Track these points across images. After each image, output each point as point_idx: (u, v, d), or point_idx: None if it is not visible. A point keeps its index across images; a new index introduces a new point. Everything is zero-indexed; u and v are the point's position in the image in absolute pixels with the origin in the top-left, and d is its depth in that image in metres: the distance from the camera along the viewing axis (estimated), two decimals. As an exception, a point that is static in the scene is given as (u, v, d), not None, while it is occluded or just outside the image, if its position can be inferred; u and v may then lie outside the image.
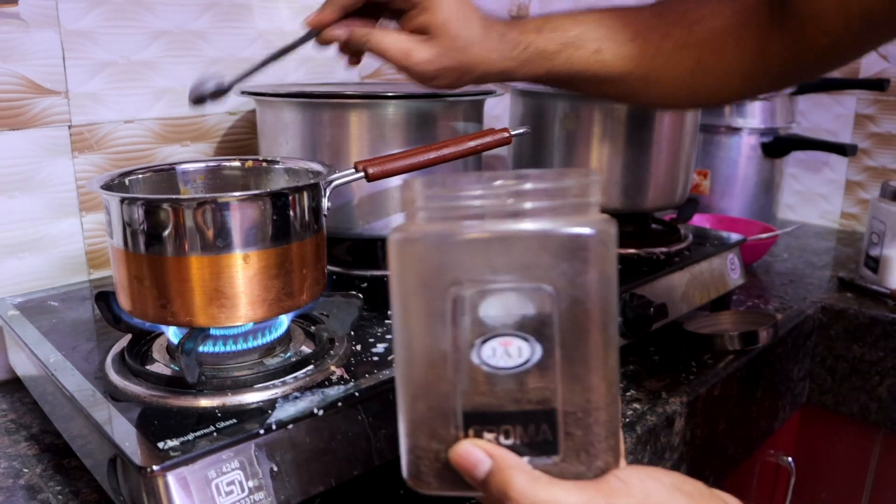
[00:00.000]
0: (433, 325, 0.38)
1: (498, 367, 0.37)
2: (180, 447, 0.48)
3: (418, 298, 0.38)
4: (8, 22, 0.74)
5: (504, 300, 0.37)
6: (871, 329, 1.01)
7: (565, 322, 0.37)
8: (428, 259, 0.37)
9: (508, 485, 0.37)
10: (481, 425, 0.38)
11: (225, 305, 0.53)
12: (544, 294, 0.36)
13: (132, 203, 0.53)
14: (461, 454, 0.38)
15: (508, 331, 0.37)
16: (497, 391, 0.38)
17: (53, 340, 0.66)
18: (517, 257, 0.37)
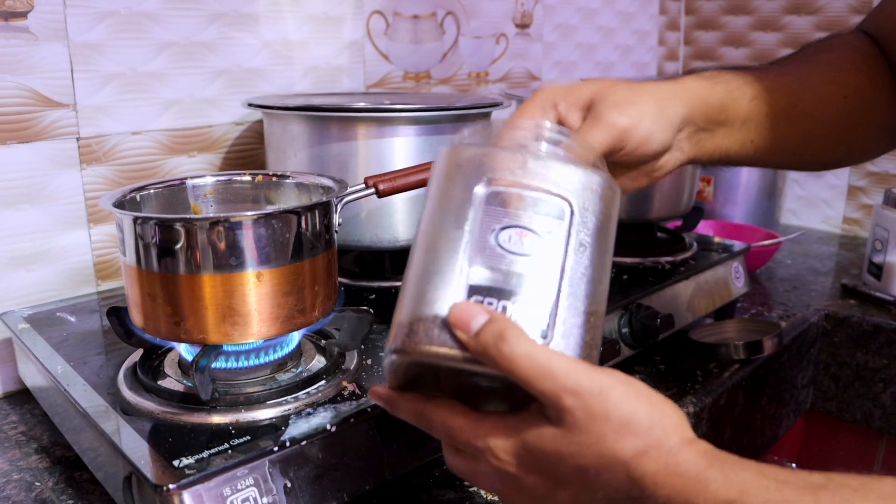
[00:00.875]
0: (464, 208, 0.43)
1: (510, 251, 0.42)
2: (195, 465, 0.48)
3: (456, 186, 0.44)
4: (17, 35, 0.75)
5: (530, 201, 0.43)
6: (874, 336, 1.02)
7: (573, 234, 0.43)
8: (472, 159, 0.44)
9: (505, 331, 0.39)
10: (482, 297, 0.41)
11: (238, 323, 0.54)
12: (563, 205, 0.43)
13: (145, 222, 0.53)
14: (463, 307, 0.40)
15: (527, 224, 0.42)
16: (503, 272, 0.42)
17: (64, 353, 0.66)
18: (547, 174, 0.43)
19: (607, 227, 0.44)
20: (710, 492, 0.36)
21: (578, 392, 0.38)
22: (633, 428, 0.38)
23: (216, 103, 0.92)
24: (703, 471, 0.37)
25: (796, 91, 0.60)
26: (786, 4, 1.50)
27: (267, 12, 0.94)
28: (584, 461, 0.39)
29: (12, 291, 0.79)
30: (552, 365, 0.38)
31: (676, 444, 0.38)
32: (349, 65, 1.05)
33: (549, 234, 0.42)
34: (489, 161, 0.44)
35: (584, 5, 1.43)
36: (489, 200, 0.43)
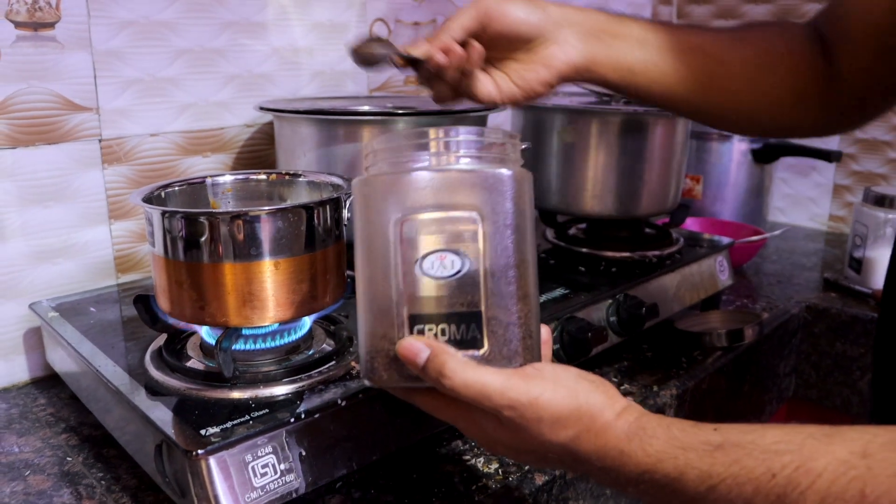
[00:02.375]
0: (386, 247, 0.47)
1: (436, 276, 0.46)
2: (220, 434, 0.54)
3: (375, 226, 0.47)
4: (45, 44, 0.80)
5: (441, 223, 0.46)
6: (852, 327, 1.07)
7: (488, 241, 0.46)
8: (380, 194, 0.47)
9: (443, 366, 0.46)
10: (423, 325, 0.47)
11: (257, 307, 0.59)
12: (471, 218, 0.46)
13: (173, 216, 0.59)
14: (406, 346, 0.47)
15: (444, 247, 0.46)
16: (435, 297, 0.47)
17: (93, 339, 0.71)
18: (452, 190, 0.46)
19: (522, 220, 0.47)
20: (632, 462, 0.45)
21: (513, 406, 0.45)
22: (563, 422, 0.46)
23: (228, 107, 0.97)
24: (624, 446, 0.45)
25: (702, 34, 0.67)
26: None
27: (275, 20, 1.00)
28: (532, 447, 0.47)
29: (39, 283, 0.85)
30: (486, 390, 0.45)
31: (604, 423, 0.46)
32: (353, 69, 1.10)
33: (467, 248, 0.46)
34: (395, 190, 0.47)
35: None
36: (405, 233, 0.47)
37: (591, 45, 0.66)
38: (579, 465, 0.47)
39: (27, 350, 0.85)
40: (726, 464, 0.41)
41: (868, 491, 0.36)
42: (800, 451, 0.40)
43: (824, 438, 0.40)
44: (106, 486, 0.64)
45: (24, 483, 0.64)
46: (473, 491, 0.62)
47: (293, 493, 0.56)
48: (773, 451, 0.40)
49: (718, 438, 0.43)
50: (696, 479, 0.42)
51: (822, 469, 0.38)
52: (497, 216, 0.46)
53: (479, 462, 0.67)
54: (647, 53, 0.67)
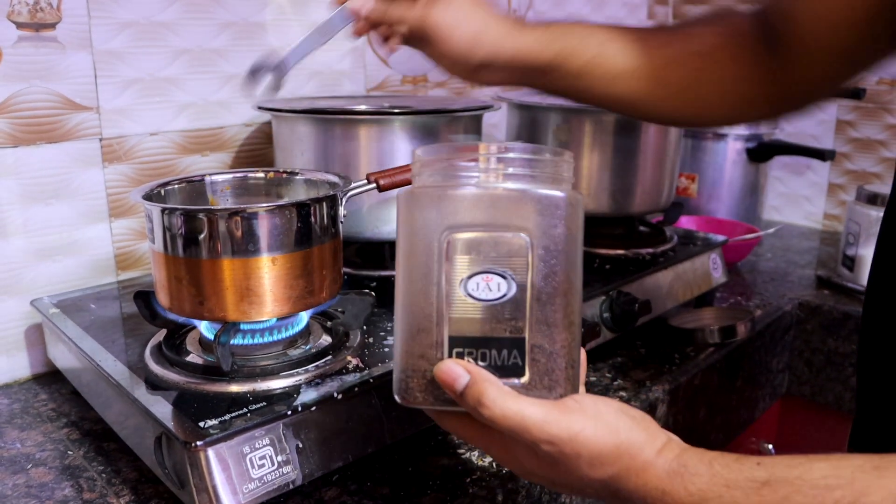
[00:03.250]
0: (430, 264, 0.45)
1: (480, 299, 0.45)
2: (219, 426, 0.55)
3: (419, 242, 0.46)
4: (47, 45, 0.81)
5: (489, 244, 0.45)
6: (844, 324, 1.08)
7: (536, 265, 0.45)
8: (428, 208, 0.46)
9: (482, 394, 0.44)
10: (462, 348, 0.46)
11: (255, 302, 0.60)
12: (522, 241, 0.44)
13: (172, 213, 0.60)
14: (444, 370, 0.45)
15: (491, 268, 0.45)
16: (478, 320, 0.45)
17: (94, 335, 0.73)
18: (502, 210, 0.45)
19: (573, 247, 0.45)
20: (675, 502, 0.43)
21: (551, 441, 0.44)
22: (603, 460, 0.44)
23: (227, 106, 0.98)
24: (666, 486, 0.44)
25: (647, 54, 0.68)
26: None
27: (274, 21, 1.01)
28: (569, 481, 0.46)
29: (41, 280, 0.86)
30: (525, 423, 0.44)
31: (645, 461, 0.45)
32: (351, 69, 1.12)
33: (514, 271, 0.45)
34: (444, 206, 0.45)
35: (574, 11, 1.50)
36: (451, 251, 0.45)
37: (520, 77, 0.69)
38: (619, 502, 0.46)
39: (28, 346, 0.86)
40: (775, 502, 0.40)
41: None
42: (851, 486, 0.39)
43: (874, 471, 0.39)
44: (106, 479, 0.65)
45: (27, 476, 0.66)
46: (468, 483, 0.64)
47: (290, 485, 0.57)
48: (824, 487, 0.39)
49: (764, 474, 0.42)
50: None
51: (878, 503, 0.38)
52: (548, 240, 0.44)
53: (474, 455, 0.68)
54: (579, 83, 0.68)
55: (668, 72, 0.68)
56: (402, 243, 0.47)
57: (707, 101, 0.70)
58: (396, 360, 0.48)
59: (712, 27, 0.70)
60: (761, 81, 0.69)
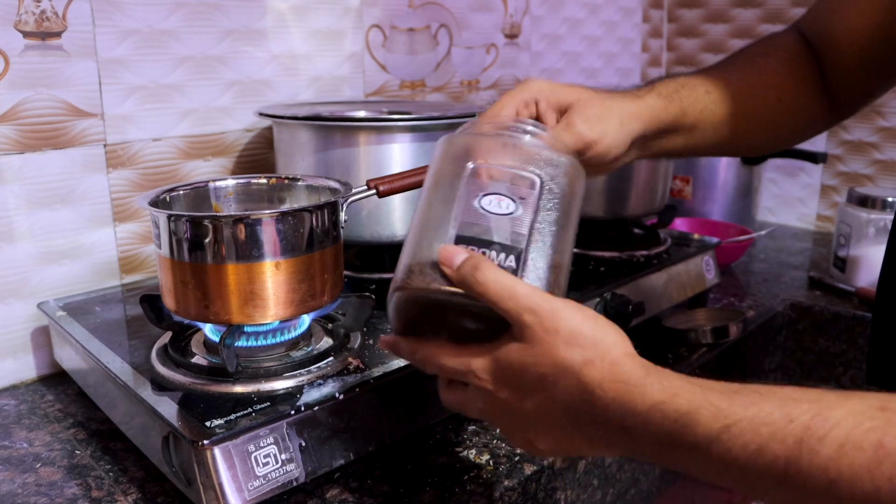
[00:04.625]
0: (455, 181, 0.53)
1: (490, 211, 0.52)
2: (224, 425, 0.57)
3: (449, 165, 0.54)
4: (52, 53, 0.83)
5: (507, 176, 0.53)
6: (834, 324, 1.10)
7: (542, 198, 0.52)
8: (461, 148, 0.55)
9: (479, 264, 0.48)
10: (466, 244, 0.51)
11: (258, 306, 0.62)
12: (534, 178, 0.53)
13: (178, 219, 0.62)
14: (447, 248, 0.50)
15: (505, 192, 0.52)
16: (484, 227, 0.51)
17: (100, 337, 0.74)
18: (523, 156, 0.54)
19: (571, 198, 0.54)
20: (647, 394, 0.44)
21: (534, 310, 0.47)
22: (580, 340, 0.46)
23: (228, 112, 1.00)
24: (641, 377, 0.45)
25: (737, 96, 0.69)
26: (762, 14, 1.59)
27: (274, 28, 1.03)
28: (542, 370, 0.47)
29: (46, 284, 0.87)
30: (515, 289, 0.47)
31: (618, 356, 0.46)
32: (350, 75, 1.14)
33: (522, 199, 0.52)
34: (475, 146, 0.54)
35: (570, 16, 1.52)
36: (474, 175, 0.53)
37: (646, 148, 0.68)
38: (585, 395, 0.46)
39: (35, 348, 0.87)
40: (744, 404, 0.41)
41: (886, 441, 0.37)
42: (818, 402, 0.40)
43: (841, 394, 0.40)
44: (114, 478, 0.67)
45: (36, 475, 0.67)
46: (465, 480, 0.65)
47: (293, 482, 0.59)
48: (792, 399, 0.40)
49: (737, 386, 0.43)
50: (710, 417, 0.41)
51: (841, 418, 0.38)
52: (554, 185, 0.53)
53: (471, 454, 0.70)
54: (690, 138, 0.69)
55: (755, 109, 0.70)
56: (433, 169, 0.55)
57: (785, 125, 0.73)
58: (404, 255, 0.53)
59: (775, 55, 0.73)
60: (821, 96, 0.72)
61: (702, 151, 0.72)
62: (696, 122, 0.68)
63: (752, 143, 0.75)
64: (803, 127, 0.74)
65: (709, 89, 0.69)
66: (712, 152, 0.73)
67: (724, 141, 0.70)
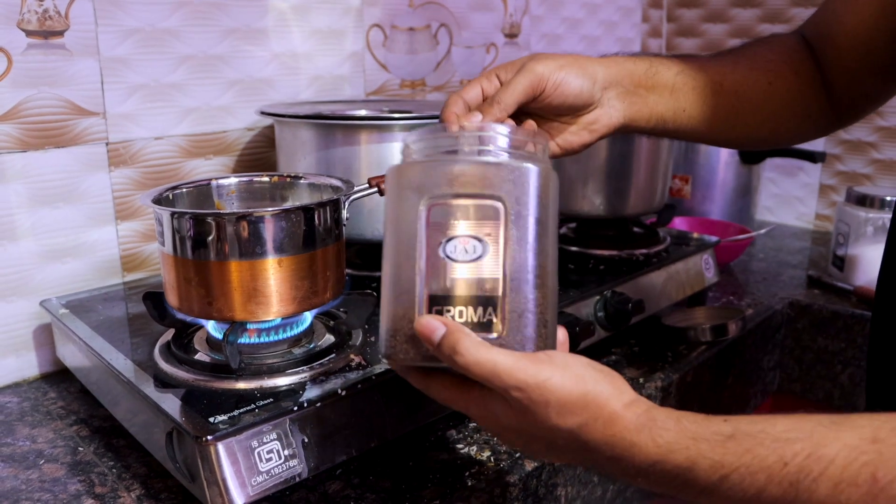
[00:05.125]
0: (413, 230, 0.49)
1: (457, 260, 0.48)
2: (228, 421, 0.57)
3: (403, 210, 0.50)
4: (55, 52, 0.84)
5: (467, 210, 0.48)
6: (833, 322, 1.11)
7: (510, 230, 0.48)
8: (411, 180, 0.50)
9: (457, 342, 0.47)
10: (441, 306, 0.49)
11: (261, 303, 0.63)
12: (496, 206, 0.48)
13: (182, 216, 0.62)
14: (423, 323, 0.48)
15: (467, 232, 0.48)
16: (455, 280, 0.49)
17: (103, 335, 0.75)
18: (479, 180, 0.48)
19: (545, 214, 0.49)
20: (642, 453, 0.45)
21: (520, 387, 0.46)
22: (571, 408, 0.46)
23: (230, 111, 1.00)
24: (636, 435, 0.46)
25: (723, 72, 0.70)
26: (761, 14, 1.59)
27: (275, 27, 1.03)
28: (539, 433, 0.48)
29: (49, 282, 0.88)
30: (497, 369, 0.46)
31: (612, 413, 0.46)
32: (350, 74, 1.14)
33: (489, 235, 0.48)
34: (426, 178, 0.49)
35: (570, 15, 1.52)
36: (431, 217, 0.49)
37: (629, 103, 0.67)
38: (587, 454, 0.48)
39: (37, 346, 0.88)
40: (738, 453, 0.42)
41: (880, 475, 0.38)
42: (810, 439, 0.40)
43: (833, 426, 0.41)
44: (117, 474, 0.67)
45: (39, 471, 0.68)
46: (466, 477, 0.66)
47: (296, 478, 0.59)
48: (784, 440, 0.41)
49: (729, 429, 0.43)
50: (707, 469, 0.43)
51: (834, 455, 0.39)
52: (520, 207, 0.48)
53: (472, 450, 0.70)
54: (676, 101, 0.69)
55: (744, 85, 0.70)
56: (389, 213, 0.51)
57: (779, 115, 0.73)
58: (382, 321, 0.51)
59: (771, 48, 0.73)
60: (819, 95, 0.72)
61: (697, 128, 0.71)
62: (674, 83, 0.68)
63: (747, 129, 0.74)
64: (800, 122, 0.74)
65: (685, 60, 0.69)
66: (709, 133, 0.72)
67: (715, 116, 0.70)
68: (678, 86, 0.69)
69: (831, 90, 0.72)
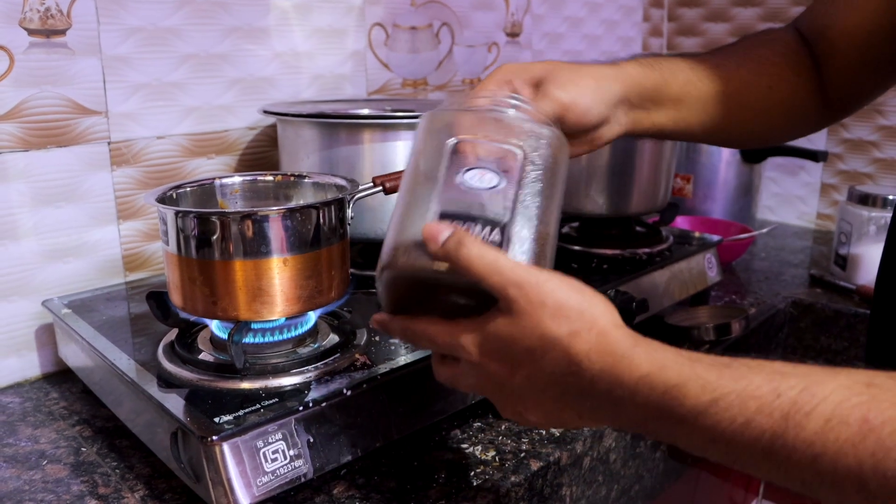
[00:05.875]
0: (437, 158, 0.53)
1: (473, 186, 0.52)
2: (233, 421, 0.57)
3: (432, 142, 0.54)
4: (57, 51, 0.83)
5: (490, 149, 0.53)
6: (836, 321, 1.11)
7: (525, 171, 0.52)
8: (444, 123, 0.55)
9: (462, 239, 0.48)
10: (450, 220, 0.51)
11: (266, 302, 0.62)
12: (516, 151, 0.53)
13: (186, 215, 0.62)
14: (430, 225, 0.49)
15: (487, 165, 0.52)
16: (468, 202, 0.51)
17: (105, 334, 0.74)
18: (506, 128, 0.54)
19: (555, 169, 0.54)
20: (634, 366, 0.44)
21: (519, 284, 0.46)
22: (566, 312, 0.46)
23: (232, 110, 1.00)
24: (628, 349, 0.44)
25: (726, 78, 0.69)
26: (762, 13, 1.59)
27: (277, 26, 1.03)
28: (530, 342, 0.47)
29: (51, 282, 0.87)
30: (499, 263, 0.47)
31: (605, 326, 0.45)
32: (352, 73, 1.14)
33: (505, 172, 0.52)
34: (457, 122, 0.54)
35: (571, 14, 1.52)
36: (455, 150, 0.53)
37: (633, 117, 0.67)
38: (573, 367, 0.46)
39: (39, 346, 0.87)
40: (733, 378, 0.41)
41: (871, 416, 0.37)
42: (806, 376, 0.40)
43: (830, 370, 0.41)
44: (120, 475, 0.67)
45: (42, 472, 0.67)
46: (472, 477, 0.66)
47: (302, 478, 0.59)
48: (780, 373, 0.41)
49: (727, 360, 0.43)
50: (698, 389, 0.42)
51: (828, 393, 0.39)
52: (537, 157, 0.53)
53: (477, 450, 0.70)
54: (679, 113, 0.69)
55: (746, 92, 0.70)
56: (416, 145, 0.55)
57: (778, 117, 0.73)
58: (389, 236, 0.52)
59: (770, 46, 0.73)
60: (816, 93, 0.72)
61: (695, 133, 0.71)
62: (680, 95, 0.68)
63: (746, 132, 0.74)
64: (797, 121, 0.74)
65: (693, 66, 0.69)
66: (706, 137, 0.72)
67: (715, 123, 0.70)
68: (683, 97, 0.68)
69: (825, 85, 0.71)
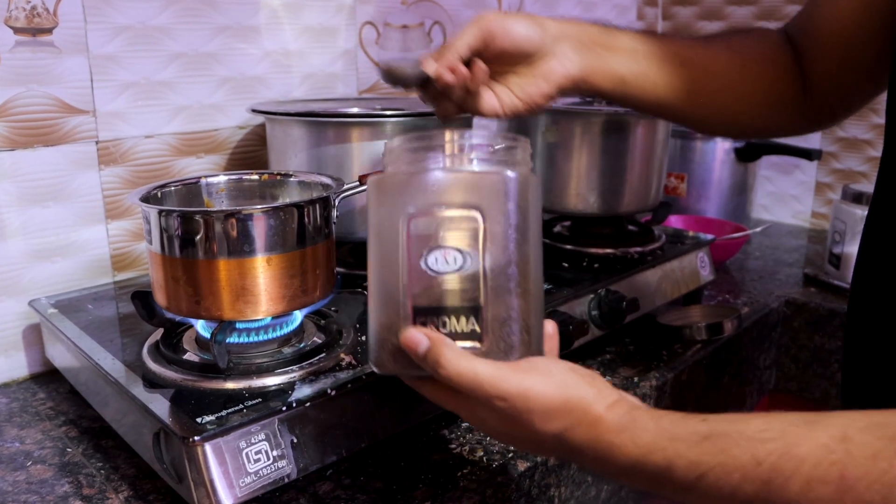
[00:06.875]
0: (395, 242, 0.50)
1: (439, 272, 0.49)
2: (216, 422, 0.56)
3: (385, 223, 0.51)
4: (44, 49, 0.83)
5: (447, 221, 0.49)
6: (829, 320, 1.10)
7: (488, 240, 0.49)
8: (393, 192, 0.51)
9: (440, 355, 0.48)
10: (425, 318, 0.50)
11: (250, 302, 0.62)
12: (474, 217, 0.49)
13: (169, 214, 0.61)
14: (408, 336, 0.50)
15: (447, 244, 0.49)
16: (438, 292, 0.50)
17: (92, 335, 0.74)
18: (458, 190, 0.49)
19: (523, 221, 0.50)
20: (622, 454, 0.47)
21: (503, 396, 0.48)
22: (554, 414, 0.48)
23: (221, 109, 1.00)
24: (614, 438, 0.47)
25: (692, 47, 0.70)
26: (756, 12, 1.59)
27: (267, 24, 1.02)
28: (525, 437, 0.50)
29: (38, 281, 0.87)
30: (478, 379, 0.48)
31: (596, 415, 0.48)
32: (343, 72, 1.13)
33: (469, 245, 0.49)
34: (405, 189, 0.50)
35: (564, 13, 1.52)
36: (412, 229, 0.50)
37: (586, 57, 0.69)
38: (573, 455, 0.49)
39: (26, 346, 0.87)
40: (713, 453, 0.43)
41: (847, 474, 0.39)
42: (783, 439, 0.42)
43: (805, 426, 0.42)
44: (105, 476, 0.66)
45: (27, 473, 0.67)
46: (459, 477, 0.65)
47: (285, 479, 0.59)
48: (759, 440, 0.42)
49: (706, 429, 0.45)
50: (685, 469, 0.44)
51: (806, 455, 0.40)
52: (499, 215, 0.49)
53: (465, 450, 0.69)
54: (638, 64, 0.70)
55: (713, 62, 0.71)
56: (372, 225, 0.52)
57: (749, 101, 0.73)
58: (370, 333, 0.53)
59: (749, 34, 0.73)
60: (795, 87, 0.72)
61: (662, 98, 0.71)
62: (635, 49, 0.69)
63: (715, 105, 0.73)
64: (775, 112, 0.74)
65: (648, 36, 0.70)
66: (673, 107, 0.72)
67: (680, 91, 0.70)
68: (640, 50, 0.69)
69: (813, 90, 0.71)
